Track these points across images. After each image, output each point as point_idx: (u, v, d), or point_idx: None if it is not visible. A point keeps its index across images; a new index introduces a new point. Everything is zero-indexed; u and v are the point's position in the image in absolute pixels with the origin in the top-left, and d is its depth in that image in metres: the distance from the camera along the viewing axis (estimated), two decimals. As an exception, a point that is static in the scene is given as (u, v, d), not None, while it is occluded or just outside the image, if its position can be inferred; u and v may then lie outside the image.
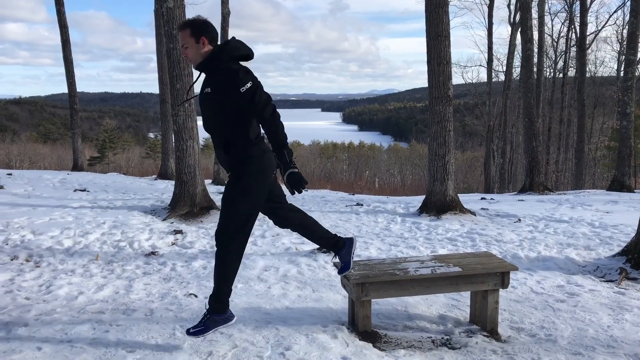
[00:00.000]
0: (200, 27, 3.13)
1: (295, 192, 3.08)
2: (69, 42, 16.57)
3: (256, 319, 3.91)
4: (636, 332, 3.81)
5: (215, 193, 10.59)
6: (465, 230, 7.19)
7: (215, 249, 3.22)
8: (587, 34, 23.37)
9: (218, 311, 3.25)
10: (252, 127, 3.18)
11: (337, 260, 3.70)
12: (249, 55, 3.22)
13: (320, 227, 3.62)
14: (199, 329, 3.23)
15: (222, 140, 3.20)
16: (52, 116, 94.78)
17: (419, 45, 8.62)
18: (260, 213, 3.36)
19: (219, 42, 3.23)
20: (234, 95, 3.03)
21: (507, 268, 3.87)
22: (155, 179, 15.70)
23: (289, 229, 3.59)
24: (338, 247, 3.61)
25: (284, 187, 3.36)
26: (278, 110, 3.14)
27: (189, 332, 3.25)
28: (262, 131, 3.24)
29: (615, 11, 51.95)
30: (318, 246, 5.83)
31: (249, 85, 3.01)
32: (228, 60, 3.11)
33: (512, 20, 25.46)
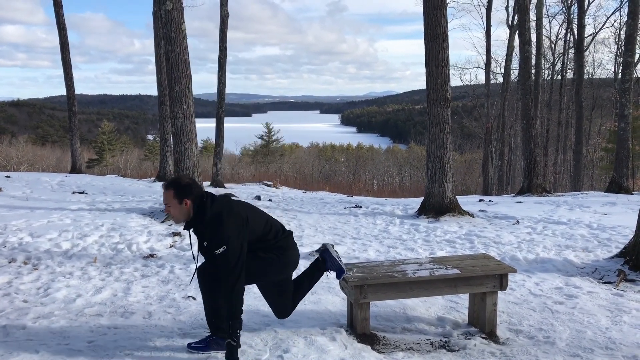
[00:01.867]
0: (184, 190, 3.14)
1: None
2: (68, 44, 16.57)
3: (254, 321, 3.90)
4: (634, 334, 3.82)
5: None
6: (464, 232, 7.19)
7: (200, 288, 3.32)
8: (585, 36, 23.40)
9: (220, 336, 3.30)
10: (265, 235, 3.26)
11: (331, 274, 3.71)
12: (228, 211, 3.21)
13: (305, 283, 3.63)
14: (201, 346, 3.31)
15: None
16: (51, 118, 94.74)
17: (417, 47, 8.67)
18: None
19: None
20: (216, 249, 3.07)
21: (505, 270, 3.88)
22: (153, 181, 15.68)
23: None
24: (325, 266, 3.64)
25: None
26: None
27: (189, 346, 3.32)
28: (280, 231, 3.36)
29: (612, 13, 52.16)
30: (317, 248, 5.85)
31: (222, 249, 3.03)
32: (210, 217, 3.11)
33: (510, 22, 25.50)
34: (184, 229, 3.25)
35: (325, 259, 3.63)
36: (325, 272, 3.67)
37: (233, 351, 3.07)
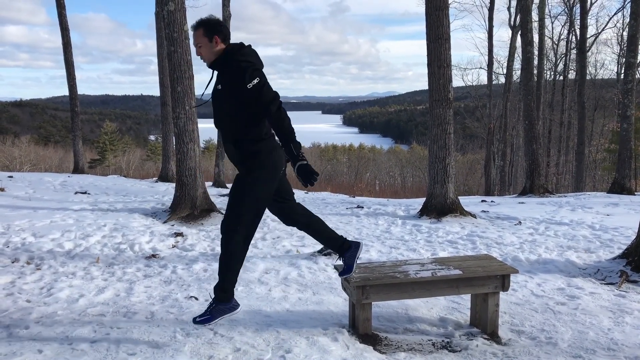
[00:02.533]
0: (213, 26, 3.22)
1: (307, 184, 3.12)
2: (70, 44, 16.60)
3: (257, 321, 3.91)
4: (637, 335, 3.81)
5: (216, 195, 10.60)
6: (466, 232, 7.19)
7: (221, 239, 3.26)
8: (588, 36, 23.38)
9: (223, 300, 3.30)
10: (262, 123, 3.24)
11: (340, 262, 3.71)
12: (258, 64, 3.28)
13: (327, 227, 3.67)
14: (205, 318, 3.29)
15: (232, 136, 3.27)
16: (53, 118, 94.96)
17: (420, 48, 8.65)
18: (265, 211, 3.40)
19: (230, 42, 3.31)
20: (242, 91, 3.10)
21: (507, 271, 3.88)
22: (156, 182, 15.71)
23: (296, 228, 3.63)
24: (343, 249, 3.64)
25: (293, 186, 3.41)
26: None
27: (195, 321, 3.30)
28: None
29: (615, 14, 52.12)
30: (319, 248, 5.86)
31: (255, 82, 3.08)
32: (239, 60, 3.18)
33: (512, 22, 25.50)
34: (209, 66, 3.29)
35: (349, 248, 3.62)
36: (337, 254, 3.66)
37: (309, 168, 3.11)
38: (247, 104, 3.14)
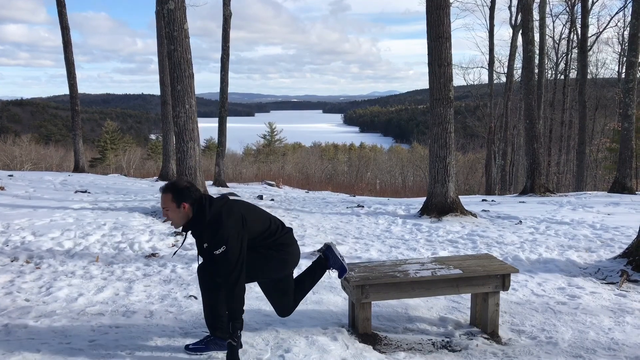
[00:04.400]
0: (181, 193, 3.14)
1: None
2: (71, 43, 16.60)
3: (256, 321, 3.90)
4: (637, 335, 3.80)
5: (216, 194, 10.59)
6: (466, 232, 7.17)
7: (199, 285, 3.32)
8: (589, 35, 23.34)
9: (220, 337, 3.31)
10: (266, 236, 3.27)
11: (333, 273, 3.71)
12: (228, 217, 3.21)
13: (307, 280, 3.63)
14: (199, 347, 3.30)
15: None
16: (54, 117, 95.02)
17: (420, 47, 8.63)
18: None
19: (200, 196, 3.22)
20: (213, 256, 3.07)
21: (507, 270, 3.86)
22: (156, 181, 15.71)
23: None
24: (325, 265, 3.64)
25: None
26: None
27: (187, 348, 3.31)
28: (280, 231, 3.35)
29: (616, 13, 52.04)
30: (319, 248, 5.84)
31: (221, 250, 3.03)
32: (209, 223, 3.10)
33: (513, 22, 25.46)
34: (182, 231, 3.24)
35: (327, 257, 3.63)
36: (327, 271, 3.67)
37: (234, 351, 3.07)
38: (241, 247, 3.12)
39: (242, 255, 3.08)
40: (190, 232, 3.24)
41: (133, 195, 10.26)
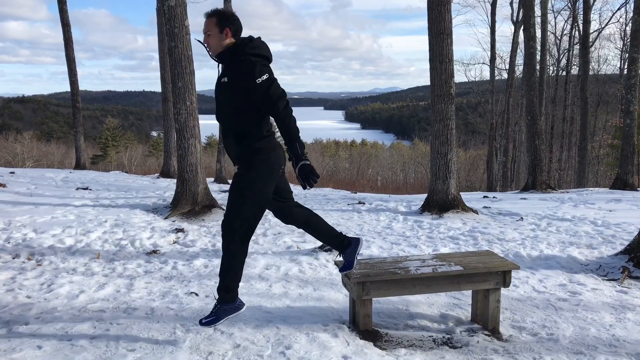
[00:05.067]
0: (227, 18, 3.18)
1: (307, 185, 3.07)
2: (72, 40, 16.60)
3: (257, 317, 3.90)
4: (638, 332, 3.79)
5: (217, 191, 10.59)
6: (468, 228, 7.17)
7: (221, 240, 3.25)
8: (591, 31, 23.28)
9: (227, 300, 3.29)
10: (265, 120, 3.21)
11: (340, 258, 3.69)
12: (268, 57, 3.24)
13: (327, 225, 3.62)
14: (211, 319, 3.28)
15: (234, 131, 3.22)
16: (55, 115, 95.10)
17: (422, 43, 8.63)
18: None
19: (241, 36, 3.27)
20: (249, 86, 3.06)
21: (508, 267, 3.86)
22: (157, 178, 15.72)
23: (295, 226, 3.60)
24: (343, 246, 3.61)
25: (292, 185, 3.38)
26: None
27: (201, 322, 3.29)
28: (275, 126, 3.27)
29: (618, 9, 51.77)
30: (320, 244, 5.84)
31: (265, 77, 3.04)
32: (248, 54, 3.13)
33: (515, 18, 25.41)
34: (214, 57, 3.24)
35: (350, 244, 3.59)
36: (338, 253, 3.64)
37: (310, 168, 3.05)
38: (254, 99, 3.09)
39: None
40: (223, 65, 3.24)
41: (134, 192, 10.27)
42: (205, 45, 3.24)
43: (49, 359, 3.14)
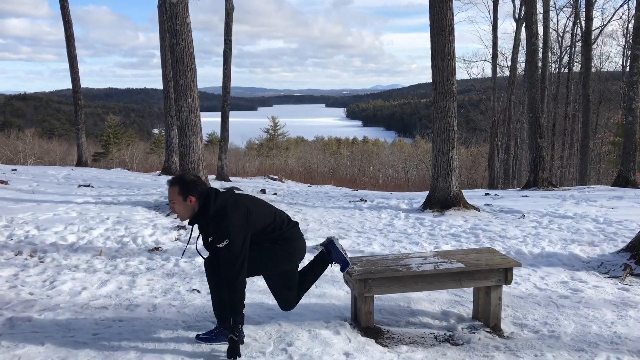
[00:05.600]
0: (188, 186, 3.17)
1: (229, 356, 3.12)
2: (73, 37, 16.60)
3: (259, 314, 3.91)
4: (640, 329, 3.79)
5: (220, 189, 10.60)
6: (469, 226, 7.17)
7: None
8: (593, 28, 23.18)
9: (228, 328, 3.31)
10: (269, 228, 3.27)
11: (336, 267, 3.73)
12: (234, 205, 3.21)
13: (309, 276, 3.63)
14: (208, 337, 3.33)
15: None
16: (57, 112, 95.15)
17: (423, 41, 8.64)
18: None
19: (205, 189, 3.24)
20: (217, 249, 3.11)
21: (510, 264, 3.86)
22: (159, 175, 15.73)
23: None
24: (329, 258, 3.65)
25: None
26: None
27: (198, 337, 3.35)
28: (286, 222, 3.37)
29: (620, 6, 51.63)
30: (322, 242, 5.85)
31: (225, 243, 3.06)
32: (213, 217, 3.14)
33: (517, 15, 25.33)
34: (189, 224, 3.28)
35: (330, 251, 3.65)
36: (329, 265, 3.68)
37: (235, 346, 3.11)
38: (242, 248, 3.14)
39: (245, 249, 3.10)
40: (196, 225, 3.27)
41: (136, 190, 10.28)
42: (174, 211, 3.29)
43: (52, 355, 3.15)
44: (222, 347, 3.28)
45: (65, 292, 4.38)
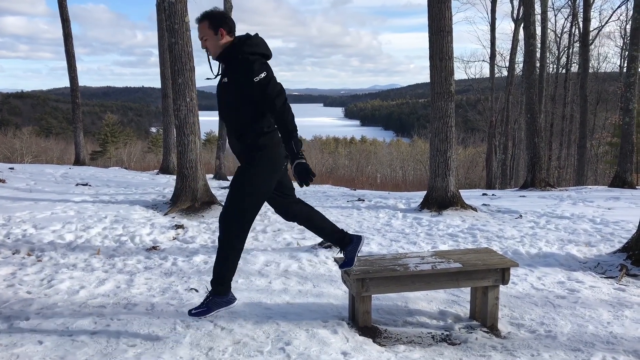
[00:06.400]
0: (218, 18, 3.19)
1: (303, 183, 3.09)
2: (71, 36, 16.56)
3: (257, 313, 3.92)
4: (636, 329, 3.81)
5: (217, 188, 10.61)
6: (467, 226, 7.18)
7: (218, 233, 3.26)
8: (591, 29, 23.23)
9: (220, 293, 3.31)
10: (265, 117, 3.23)
11: (341, 255, 3.70)
12: (266, 55, 3.26)
13: (328, 222, 3.65)
14: (201, 310, 3.28)
15: (235, 129, 3.26)
16: (54, 110, 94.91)
17: (422, 41, 8.65)
18: (264, 206, 3.39)
19: (235, 34, 3.28)
20: (247, 85, 3.09)
21: (507, 264, 3.87)
22: (157, 174, 15.72)
23: (296, 223, 3.62)
24: (345, 243, 3.63)
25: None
26: None
27: (190, 313, 3.30)
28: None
29: (618, 7, 51.76)
30: (320, 241, 5.86)
31: (262, 75, 3.06)
32: (246, 53, 3.15)
33: (515, 15, 25.38)
34: (215, 59, 3.26)
35: (352, 241, 3.61)
36: (337, 248, 3.65)
37: (305, 166, 3.05)
38: (253, 97, 3.12)
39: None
40: (222, 65, 3.27)
41: (134, 188, 10.28)
42: (206, 50, 3.26)
43: (50, 354, 3.16)
44: (221, 346, 3.28)
45: (63, 291, 4.38)
